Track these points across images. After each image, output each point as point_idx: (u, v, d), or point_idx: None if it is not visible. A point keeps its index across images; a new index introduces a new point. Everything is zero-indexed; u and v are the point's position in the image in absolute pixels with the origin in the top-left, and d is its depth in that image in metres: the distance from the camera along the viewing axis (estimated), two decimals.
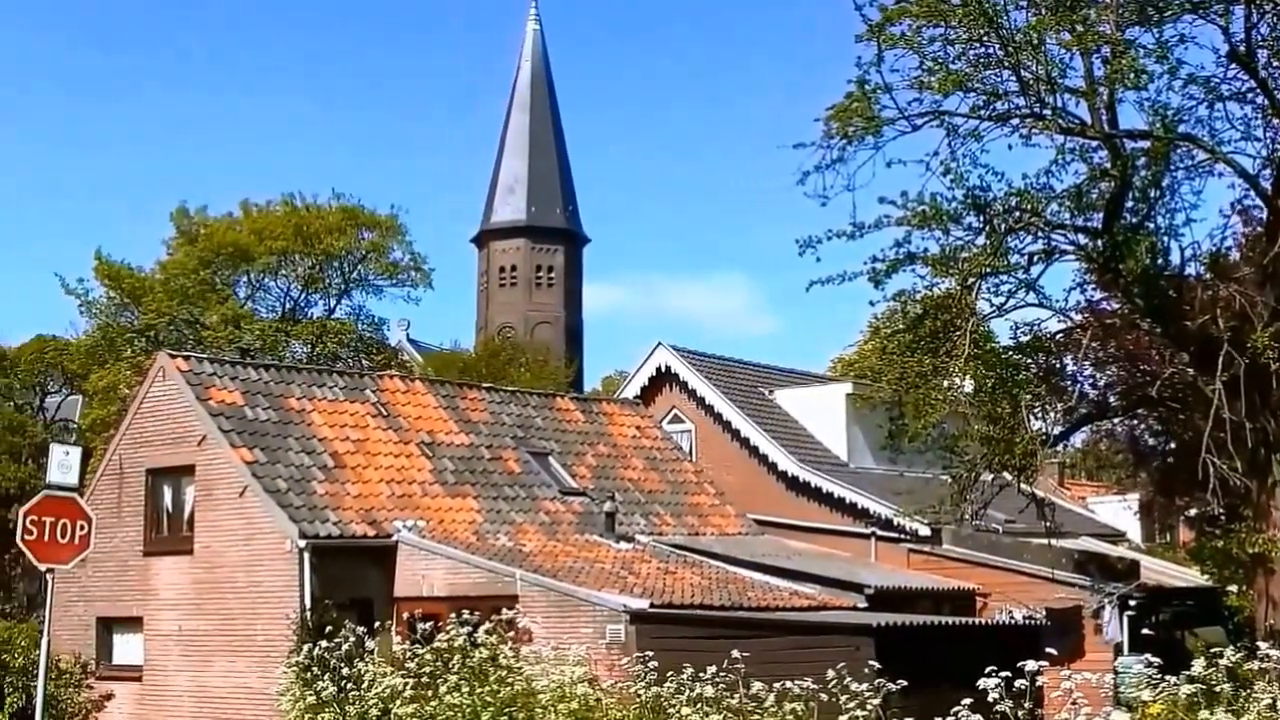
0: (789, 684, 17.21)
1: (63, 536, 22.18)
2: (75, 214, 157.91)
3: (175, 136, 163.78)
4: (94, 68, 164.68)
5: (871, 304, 25.88)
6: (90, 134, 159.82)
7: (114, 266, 58.78)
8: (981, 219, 23.41)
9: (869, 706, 15.54)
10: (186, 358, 33.16)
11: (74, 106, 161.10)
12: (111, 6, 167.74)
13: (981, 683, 12.29)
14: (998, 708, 12.16)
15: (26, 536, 21.96)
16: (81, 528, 22.51)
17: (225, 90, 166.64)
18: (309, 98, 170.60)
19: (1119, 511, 47.01)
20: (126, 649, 32.20)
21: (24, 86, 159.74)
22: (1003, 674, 12.28)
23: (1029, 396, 25.83)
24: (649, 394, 43.79)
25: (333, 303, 62.60)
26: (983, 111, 22.91)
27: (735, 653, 17.77)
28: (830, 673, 16.50)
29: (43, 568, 22.84)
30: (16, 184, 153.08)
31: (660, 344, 44.26)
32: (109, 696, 27.67)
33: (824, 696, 16.56)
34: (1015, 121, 22.89)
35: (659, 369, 43.85)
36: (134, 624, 31.87)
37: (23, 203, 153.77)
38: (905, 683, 15.67)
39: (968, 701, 12.63)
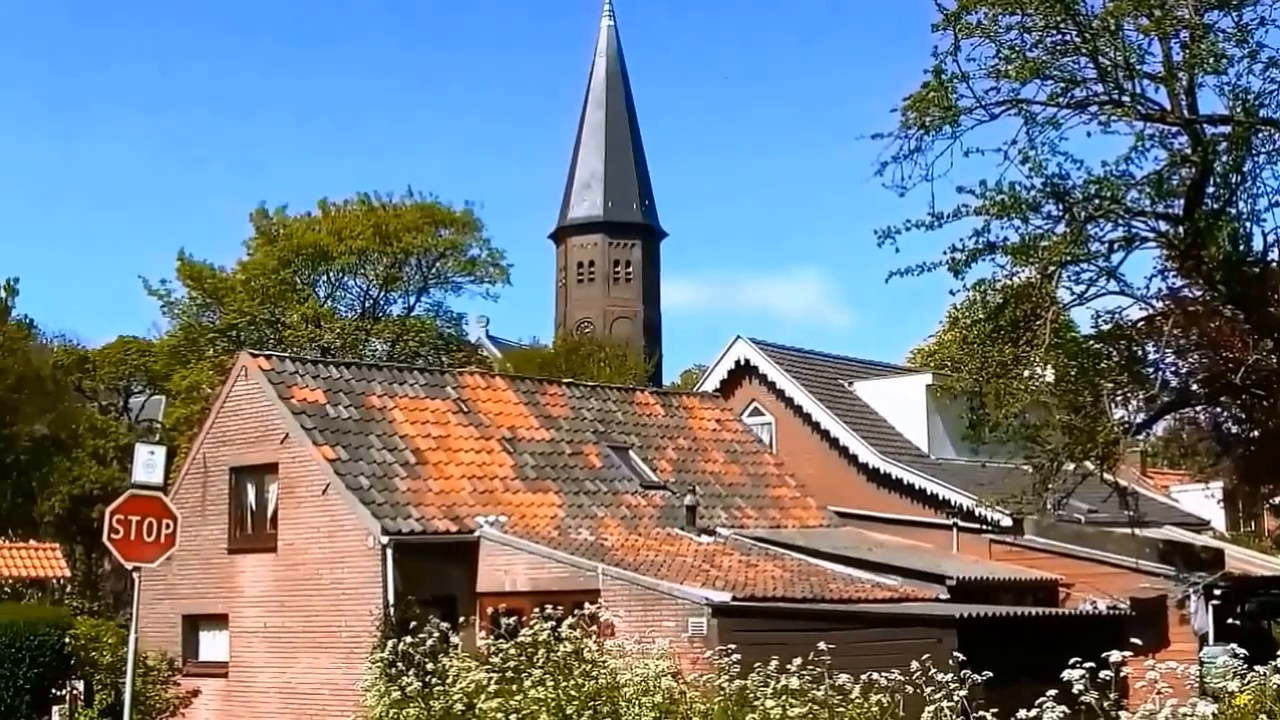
0: (872, 675, 17.18)
1: (148, 535, 22.39)
2: (156, 216, 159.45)
3: (254, 137, 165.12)
4: (172, 70, 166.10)
5: (951, 293, 25.74)
6: (170, 136, 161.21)
7: (196, 267, 59.38)
8: (1061, 207, 23.24)
9: (954, 698, 15.51)
10: (268, 357, 33.41)
11: (153, 109, 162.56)
12: (188, 9, 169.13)
13: (1066, 674, 12.24)
14: (1082, 699, 12.11)
15: (113, 536, 22.18)
16: (167, 526, 22.72)
17: (302, 90, 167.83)
18: (385, 96, 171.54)
19: (1202, 500, 46.51)
20: (212, 646, 32.47)
21: (102, 91, 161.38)
22: (1087, 665, 12.23)
23: (1110, 385, 25.68)
24: (728, 387, 43.74)
25: (411, 300, 63.07)
26: (1061, 99, 22.74)
27: (819, 645, 17.75)
28: (914, 664, 16.46)
29: (129, 566, 23.07)
30: (99, 187, 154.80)
31: (739, 337, 44.19)
32: (195, 693, 27.92)
33: (908, 688, 16.53)
34: (1094, 108, 22.71)
35: (738, 362, 43.78)
36: (219, 621, 32.14)
37: (105, 205, 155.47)
38: (989, 674, 15.60)
39: (1052, 693, 12.58)
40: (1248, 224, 24.40)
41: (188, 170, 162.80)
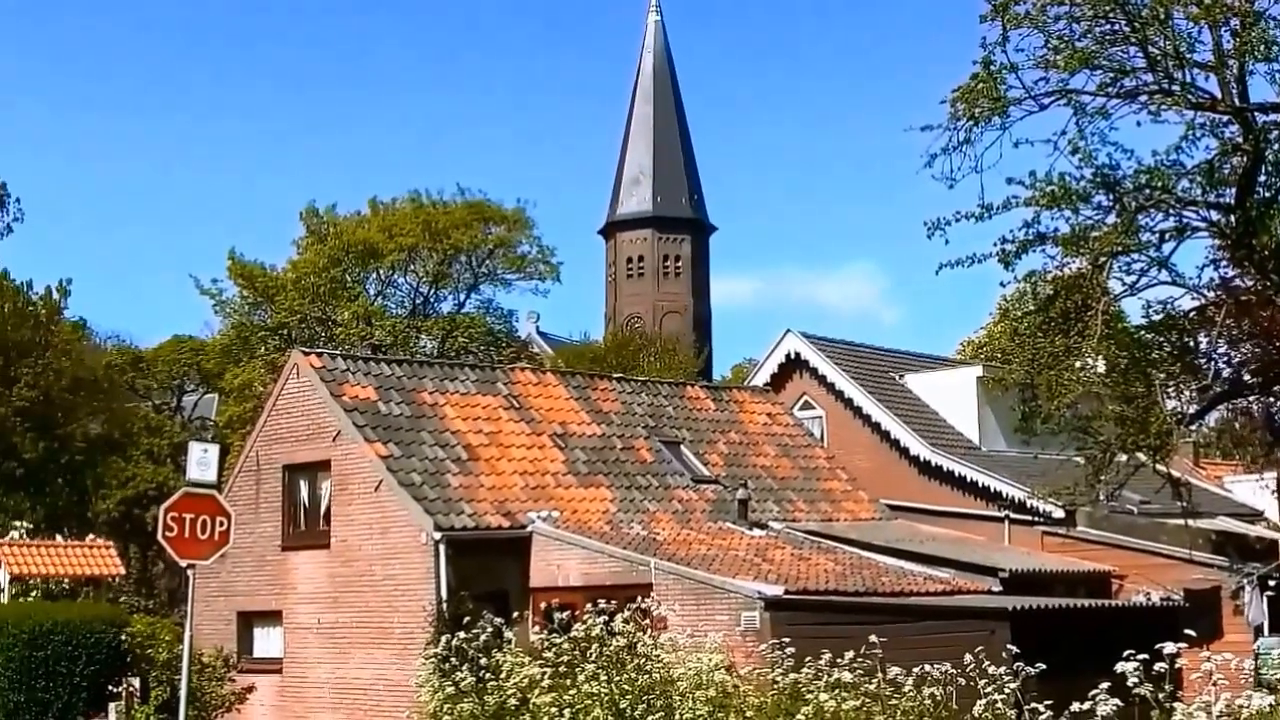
0: (925, 668, 17.17)
1: (203, 533, 22.51)
2: (207, 216, 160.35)
3: (302, 136, 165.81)
4: (220, 69, 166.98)
5: (1002, 285, 25.70)
6: (219, 135, 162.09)
7: (247, 266, 59.70)
8: (1111, 197, 23.13)
9: (1006, 690, 15.49)
10: (320, 355, 33.56)
11: (202, 108, 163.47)
12: (241, 7, 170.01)
13: (1119, 666, 12.22)
14: (1136, 691, 12.08)
15: (167, 533, 22.31)
16: (221, 524, 22.84)
17: (349, 88, 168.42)
18: (432, 95, 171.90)
19: (1256, 490, 46.18)
20: (267, 642, 32.67)
21: (152, 91, 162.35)
22: (1140, 657, 12.21)
23: (1163, 376, 25.54)
24: (779, 381, 43.73)
25: (461, 297, 63.30)
26: (1110, 89, 22.63)
27: (872, 638, 17.75)
28: (966, 657, 16.45)
29: (183, 564, 23.20)
30: (150, 187, 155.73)
31: (789, 331, 44.19)
32: (251, 689, 28.05)
33: (961, 681, 16.52)
34: (1143, 98, 22.59)
35: (788, 356, 43.77)
36: (273, 618, 32.33)
37: (156, 205, 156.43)
38: (1042, 666, 15.57)
39: (1106, 685, 12.56)
40: None
41: (238, 171, 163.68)
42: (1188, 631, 14.01)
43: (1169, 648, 12.28)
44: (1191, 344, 27.53)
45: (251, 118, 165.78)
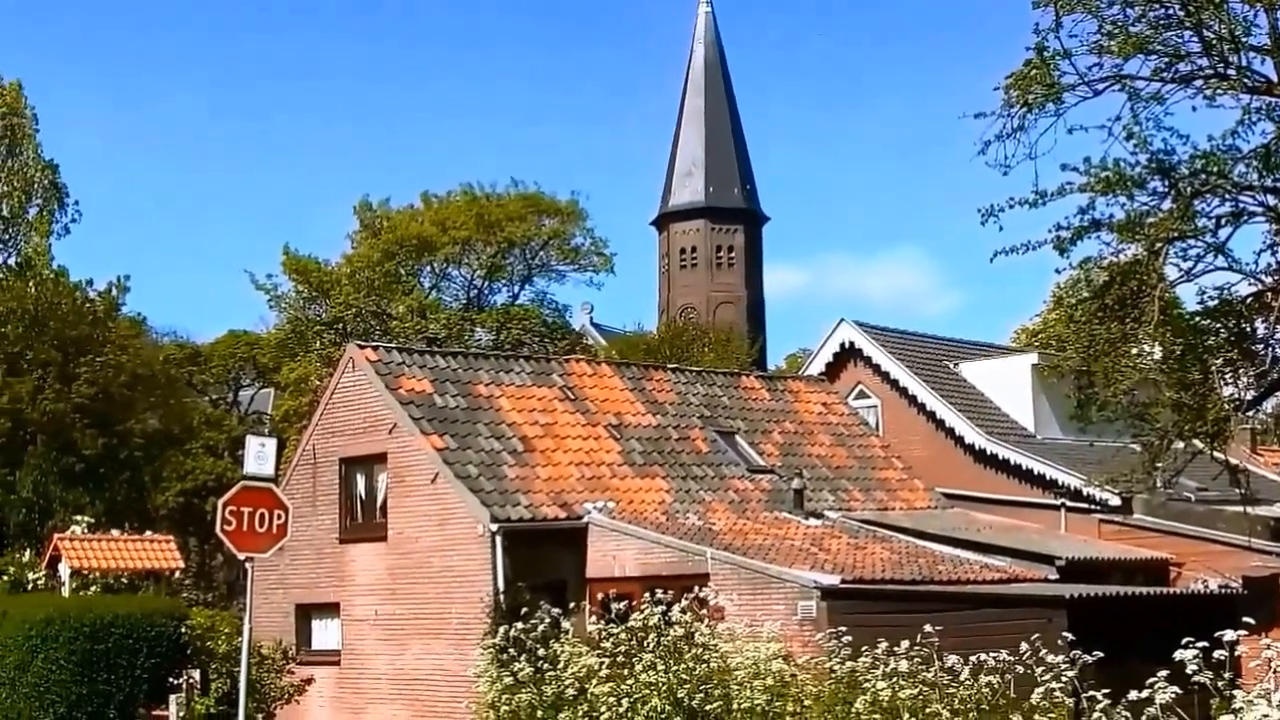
0: (982, 657, 17.16)
1: (261, 526, 22.66)
2: (261, 211, 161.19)
3: (354, 130, 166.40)
4: (272, 64, 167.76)
5: (1057, 271, 25.56)
6: (273, 131, 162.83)
7: (301, 261, 60.03)
8: (1167, 183, 23.00)
9: (1064, 679, 15.47)
10: (375, 348, 33.69)
11: (256, 104, 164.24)
12: (294, 5, 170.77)
13: (1178, 654, 12.20)
14: (1195, 679, 12.05)
15: (226, 527, 22.47)
16: (279, 517, 22.98)
17: (401, 83, 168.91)
18: (484, 88, 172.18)
19: None
20: (325, 634, 32.90)
21: (207, 87, 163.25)
22: (1199, 645, 12.18)
23: (1219, 362, 25.39)
24: (833, 370, 43.73)
25: (515, 289, 63.41)
26: (1165, 74, 22.50)
27: (928, 627, 17.75)
28: (1023, 645, 16.43)
29: (242, 557, 23.37)
30: (204, 184, 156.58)
31: (843, 320, 44.18)
32: (309, 681, 28.23)
33: (1018, 669, 16.50)
34: (1199, 83, 22.45)
35: (842, 345, 43.76)
36: (331, 610, 32.55)
37: (211, 202, 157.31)
38: (1099, 654, 15.55)
39: (1164, 673, 12.53)
40: None
41: (292, 166, 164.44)
42: (1246, 619, 13.96)
43: (1228, 635, 12.24)
44: (1248, 330, 27.32)
45: (305, 113, 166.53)
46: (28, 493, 48.22)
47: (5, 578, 36.36)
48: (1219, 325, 25.94)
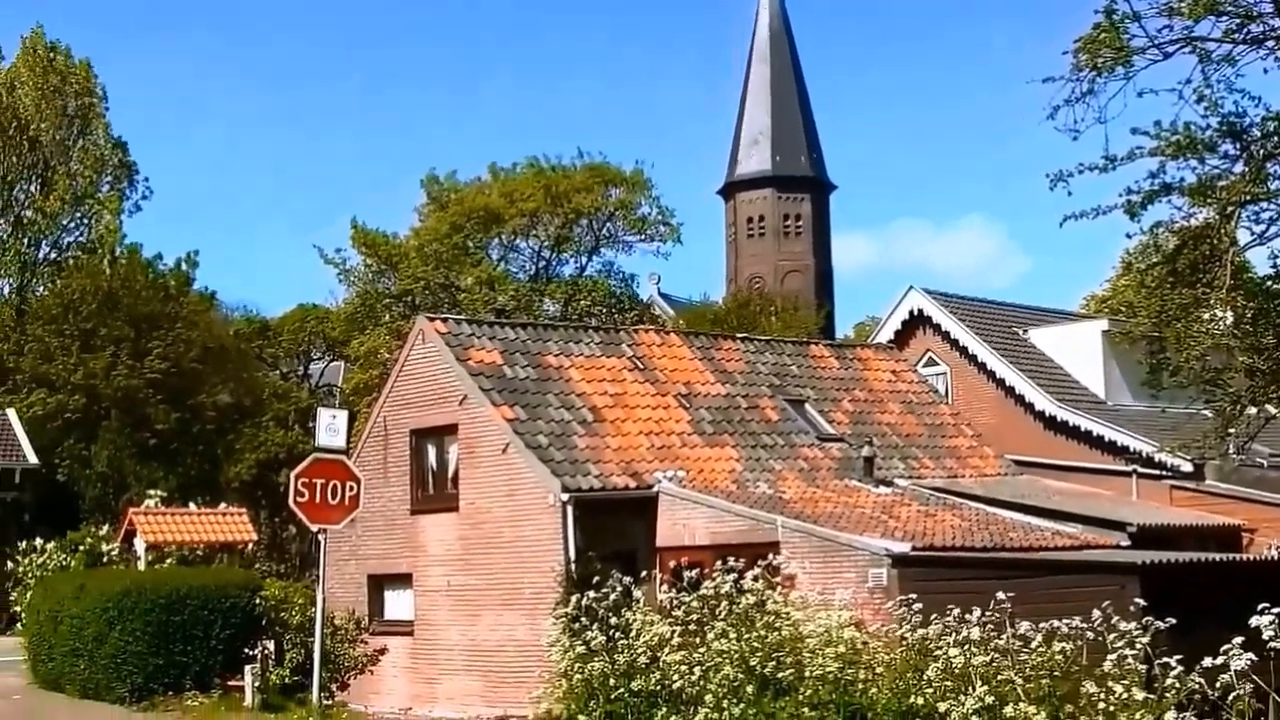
0: (1054, 623, 17.11)
1: (333, 498, 22.87)
2: (331, 186, 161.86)
3: (423, 102, 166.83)
4: (342, 39, 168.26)
5: (1128, 236, 25.47)
6: (341, 105, 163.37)
7: (370, 235, 60.26)
8: (1238, 146, 22.80)
9: (1137, 645, 15.42)
10: (445, 320, 33.83)
11: (325, 80, 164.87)
12: None
13: (1254, 620, 12.15)
14: (1271, 645, 12.01)
15: (298, 499, 22.67)
16: (351, 488, 23.17)
17: (468, 55, 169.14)
18: (550, 59, 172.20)
19: None
20: (397, 604, 33.12)
21: (280, 65, 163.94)
22: (1275, 610, 12.13)
23: None
24: (902, 338, 43.63)
25: (583, 260, 63.39)
26: (1236, 35, 22.27)
27: (1000, 594, 17.72)
28: (1095, 612, 16.38)
29: (314, 529, 23.57)
30: (274, 159, 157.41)
31: (911, 287, 44.06)
32: (383, 651, 28.42)
33: (1090, 636, 16.45)
34: (1270, 43, 22.24)
35: (911, 313, 43.65)
36: (404, 580, 32.76)
37: (281, 177, 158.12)
38: (1172, 621, 15.49)
39: (1239, 640, 12.49)
40: None
41: (360, 140, 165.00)
42: None
43: None
44: None
45: (372, 87, 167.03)
46: (103, 467, 48.83)
47: (82, 551, 36.85)
48: None
